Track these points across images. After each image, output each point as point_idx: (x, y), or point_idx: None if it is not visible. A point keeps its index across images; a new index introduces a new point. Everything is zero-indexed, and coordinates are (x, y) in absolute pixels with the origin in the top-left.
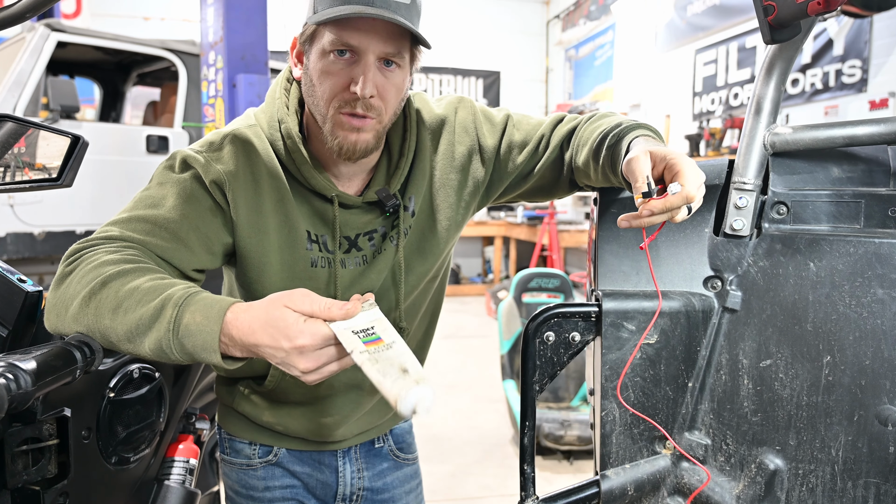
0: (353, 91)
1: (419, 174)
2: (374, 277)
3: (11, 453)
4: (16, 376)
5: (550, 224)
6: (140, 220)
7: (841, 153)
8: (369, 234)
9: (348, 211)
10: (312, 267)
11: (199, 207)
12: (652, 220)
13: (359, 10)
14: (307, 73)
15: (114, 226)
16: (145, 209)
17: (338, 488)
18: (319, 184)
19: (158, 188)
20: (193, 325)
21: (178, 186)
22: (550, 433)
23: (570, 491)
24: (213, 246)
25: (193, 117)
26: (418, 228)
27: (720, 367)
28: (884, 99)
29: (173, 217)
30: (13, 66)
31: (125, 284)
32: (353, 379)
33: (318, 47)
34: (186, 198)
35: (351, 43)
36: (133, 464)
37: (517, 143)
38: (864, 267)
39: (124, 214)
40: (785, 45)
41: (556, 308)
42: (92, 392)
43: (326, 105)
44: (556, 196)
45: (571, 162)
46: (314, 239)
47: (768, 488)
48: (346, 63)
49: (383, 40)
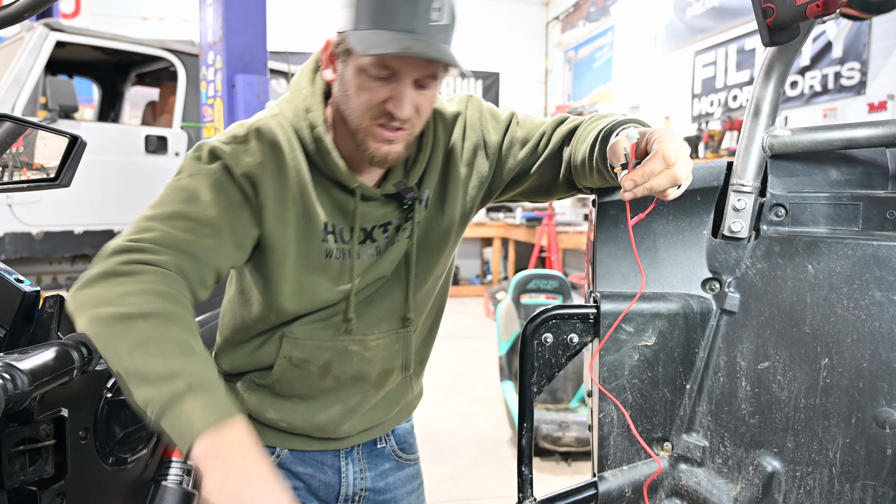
0: (391, 110)
1: (433, 168)
2: (386, 268)
3: (8, 453)
4: (13, 376)
5: (549, 225)
6: (180, 217)
7: (839, 155)
8: (384, 226)
9: (367, 203)
10: (327, 258)
11: (230, 200)
12: (636, 192)
13: (406, 46)
14: (342, 81)
15: (154, 221)
16: (182, 204)
17: (340, 489)
18: (343, 175)
19: (190, 180)
20: (187, 412)
21: (210, 178)
22: (548, 435)
23: (567, 492)
24: (244, 240)
25: (192, 117)
26: (427, 221)
27: (718, 369)
28: (882, 101)
29: (211, 213)
30: (12, 66)
31: (164, 329)
32: (359, 371)
33: (356, 63)
34: (219, 191)
35: (391, 67)
36: (130, 464)
37: (519, 140)
38: (862, 269)
39: (163, 209)
40: (784, 47)
41: (554, 309)
42: (89, 392)
43: (361, 117)
44: (554, 196)
45: (570, 161)
46: (331, 230)
47: (766, 490)
48: (384, 82)
49: (422, 67)
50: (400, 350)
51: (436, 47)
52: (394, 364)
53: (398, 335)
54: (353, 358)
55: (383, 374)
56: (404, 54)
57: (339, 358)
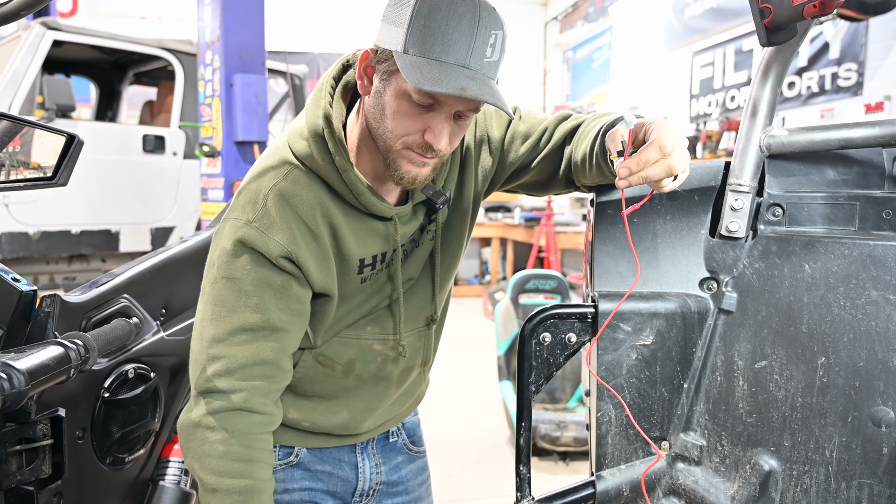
0: (428, 141)
1: (452, 169)
2: (412, 269)
3: (5, 453)
4: (9, 375)
5: (547, 226)
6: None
7: (836, 156)
8: (412, 234)
9: (403, 224)
10: (362, 283)
11: (276, 288)
12: (631, 181)
13: (461, 87)
14: (378, 100)
15: (219, 346)
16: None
17: (357, 484)
18: (378, 209)
19: (231, 284)
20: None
21: (250, 276)
22: (547, 434)
23: (565, 492)
24: (304, 310)
25: (190, 117)
26: (448, 220)
27: (715, 368)
28: (879, 102)
29: (267, 314)
30: (9, 65)
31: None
32: (381, 370)
33: (398, 85)
34: (263, 285)
35: (437, 98)
36: (128, 464)
37: (521, 134)
38: (858, 269)
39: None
40: (781, 47)
41: (552, 309)
42: (86, 392)
43: (395, 140)
44: (551, 191)
45: (571, 158)
46: (368, 263)
47: (763, 489)
48: (425, 111)
49: (467, 101)
50: (421, 348)
51: (489, 89)
52: (415, 361)
53: (421, 333)
54: (377, 357)
55: (405, 372)
56: (458, 94)
57: (363, 357)
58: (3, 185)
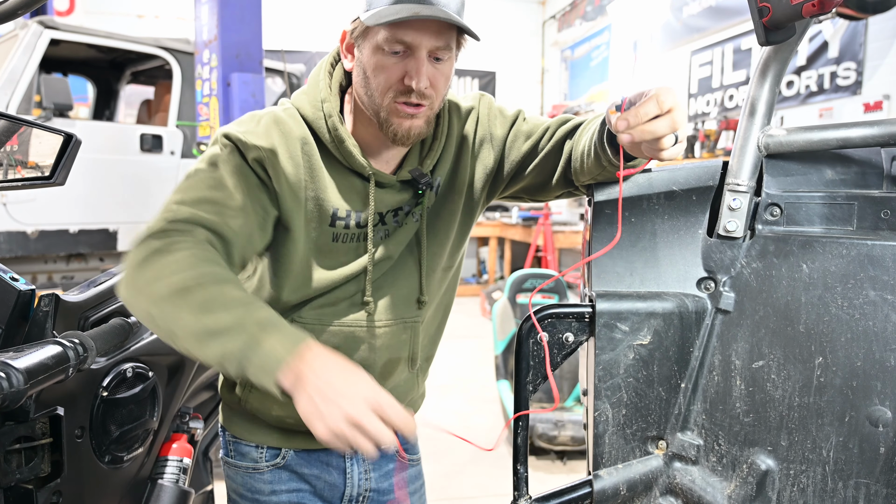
0: (408, 84)
1: (446, 156)
2: (393, 249)
3: (4, 452)
4: (8, 374)
5: (545, 225)
6: (207, 202)
7: (834, 155)
8: (396, 211)
9: (383, 189)
10: (334, 241)
11: (250, 183)
12: (633, 134)
13: (415, 10)
14: (360, 66)
15: (183, 206)
16: (208, 190)
17: (345, 489)
18: (357, 162)
19: (211, 168)
20: (266, 348)
21: (229, 164)
22: (544, 433)
23: (562, 491)
24: (266, 222)
25: (188, 116)
26: (436, 207)
27: (713, 367)
28: (878, 101)
29: (236, 197)
30: (6, 64)
31: (218, 288)
32: (364, 361)
33: (371, 43)
34: (239, 175)
35: (405, 40)
36: (126, 463)
37: (523, 133)
38: (856, 269)
39: (190, 195)
40: (780, 46)
41: (549, 308)
42: (85, 391)
43: (382, 96)
44: (550, 195)
45: (570, 155)
46: (342, 216)
47: (760, 488)
48: (400, 58)
49: (434, 36)
50: (407, 340)
51: (444, 11)
52: (400, 354)
53: (406, 324)
54: (360, 345)
55: (389, 364)
56: (414, 17)
57: (346, 344)
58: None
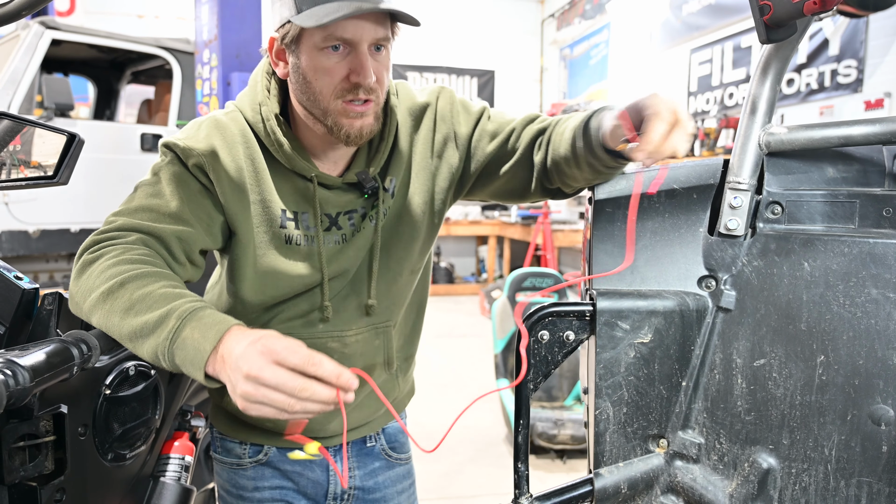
0: (355, 81)
1: (399, 157)
2: (353, 255)
3: (8, 449)
4: (14, 373)
5: (544, 223)
6: (144, 210)
7: (836, 153)
8: (349, 214)
9: (329, 190)
10: (287, 244)
11: (190, 190)
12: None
13: (356, 6)
14: (297, 71)
15: (121, 216)
16: (146, 198)
17: (329, 486)
18: (298, 165)
19: (153, 177)
20: (189, 340)
21: (168, 173)
22: (544, 432)
23: (563, 489)
24: (212, 227)
25: (188, 115)
26: (396, 210)
27: (714, 366)
28: (879, 99)
29: (173, 205)
30: (8, 64)
31: (140, 288)
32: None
33: (307, 45)
34: (178, 182)
35: (345, 37)
36: (129, 460)
37: (489, 133)
38: (858, 267)
39: (129, 205)
40: (780, 44)
41: (550, 307)
42: (88, 389)
43: (328, 99)
44: (529, 199)
45: (545, 163)
46: (290, 217)
47: (761, 487)
48: (342, 56)
49: (374, 28)
50: (381, 346)
51: (387, 4)
52: (375, 360)
53: (378, 330)
54: (333, 355)
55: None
56: (358, 12)
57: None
58: (5, 184)
